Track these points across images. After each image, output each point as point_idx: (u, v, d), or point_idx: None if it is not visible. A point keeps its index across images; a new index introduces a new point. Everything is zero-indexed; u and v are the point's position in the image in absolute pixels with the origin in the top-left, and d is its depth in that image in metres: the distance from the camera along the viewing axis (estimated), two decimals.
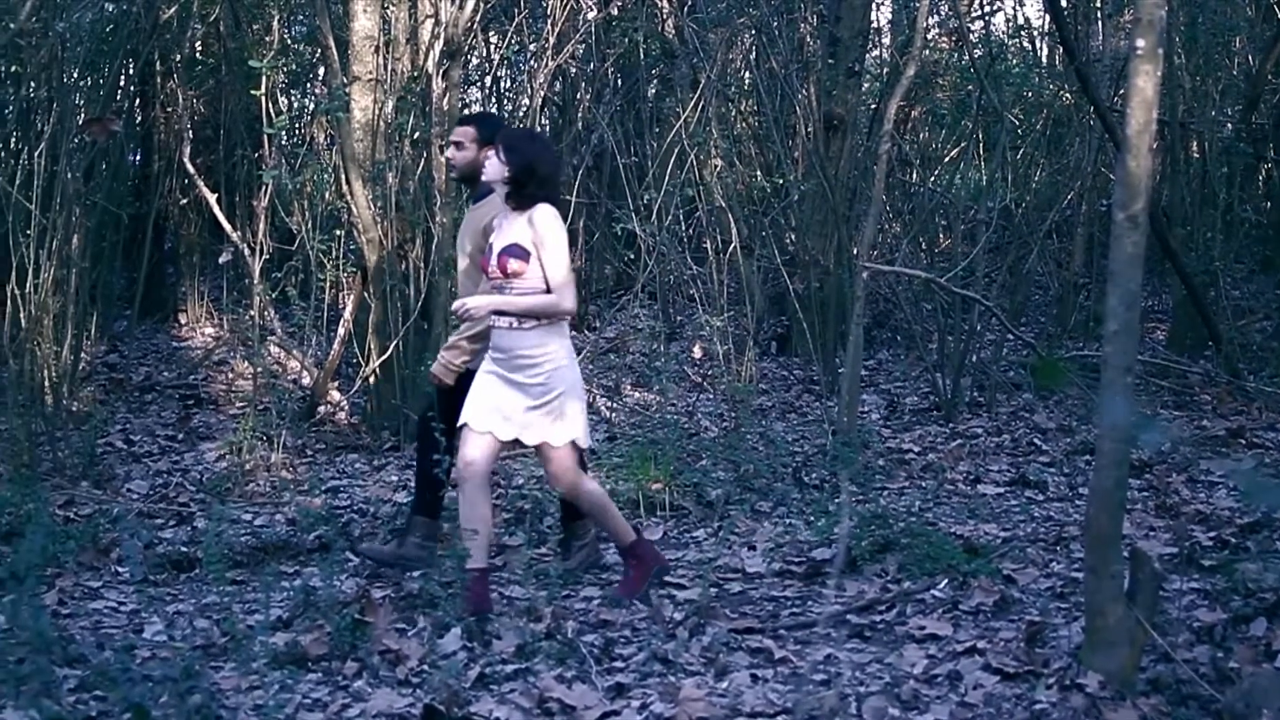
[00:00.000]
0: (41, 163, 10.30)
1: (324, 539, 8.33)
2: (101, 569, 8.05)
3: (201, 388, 12.69)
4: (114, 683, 5.49)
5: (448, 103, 10.96)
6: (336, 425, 11.23)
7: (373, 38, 11.07)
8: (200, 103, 15.17)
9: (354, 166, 10.82)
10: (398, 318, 10.89)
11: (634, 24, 13.71)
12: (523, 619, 6.82)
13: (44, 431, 10.12)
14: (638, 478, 9.25)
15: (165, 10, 12.83)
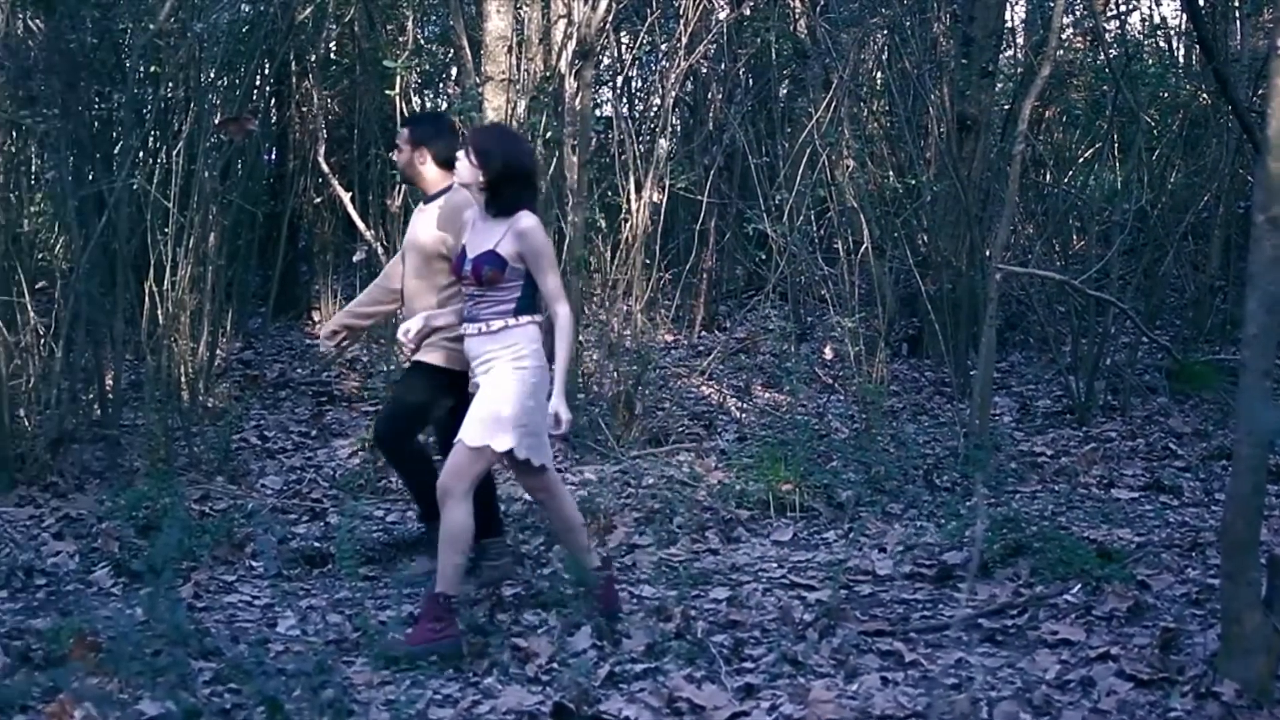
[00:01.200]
0: (179, 162, 10.44)
1: None
2: (236, 564, 8.13)
3: (334, 385, 12.79)
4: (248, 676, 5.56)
5: (580, 103, 10.99)
6: None
7: (506, 38, 11.11)
8: (335, 102, 15.29)
9: None
10: None
11: (766, 24, 13.69)
12: (652, 618, 6.84)
13: (180, 427, 10.25)
14: (768, 478, 9.24)
15: (301, 11, 12.94)
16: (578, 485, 9.62)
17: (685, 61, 12.02)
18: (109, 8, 10.61)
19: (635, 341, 11.47)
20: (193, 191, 10.62)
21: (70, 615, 6.86)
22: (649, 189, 11.45)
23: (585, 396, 11.14)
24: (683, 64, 12.02)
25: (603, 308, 12.02)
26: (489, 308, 6.72)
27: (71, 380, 10.01)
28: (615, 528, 8.65)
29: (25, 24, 10.24)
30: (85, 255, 9.90)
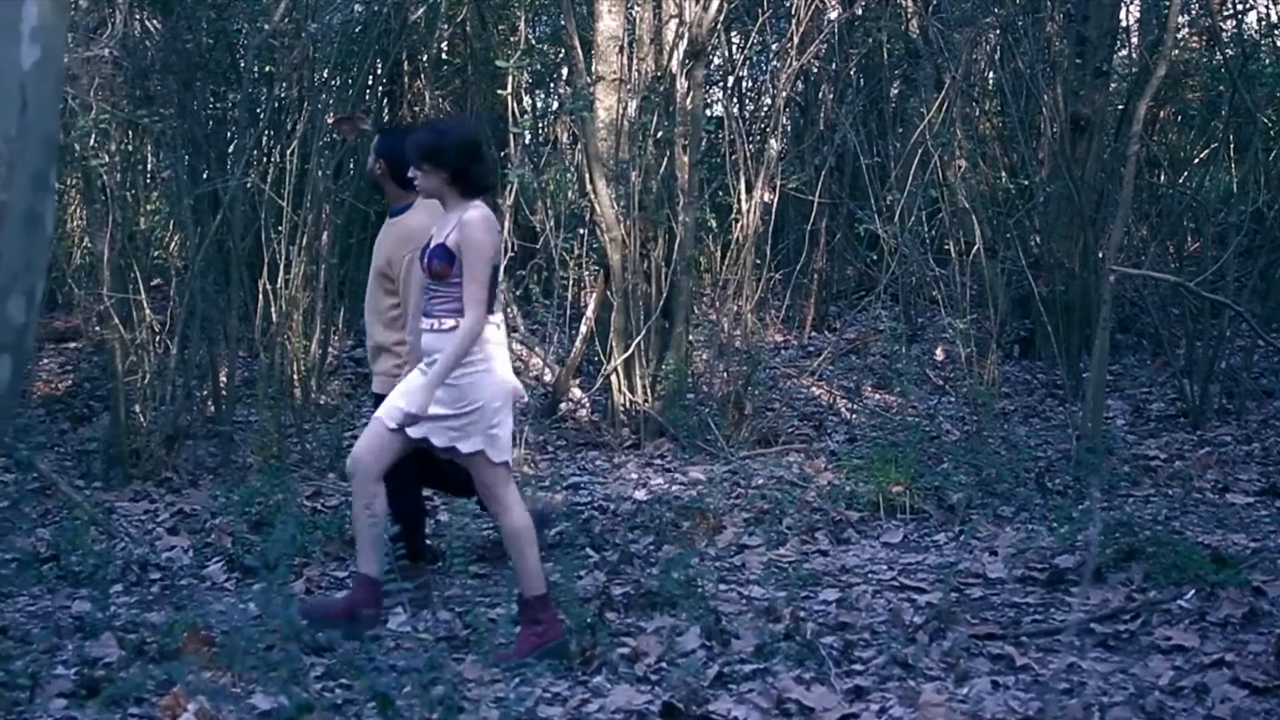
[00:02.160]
0: (293, 161, 10.52)
1: (564, 534, 8.38)
2: (347, 560, 8.17)
3: None
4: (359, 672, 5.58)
5: (691, 102, 10.99)
6: (577, 422, 11.31)
7: (617, 38, 11.13)
8: (446, 102, 15.36)
9: (598, 166, 10.89)
10: (639, 316, 10.93)
11: (878, 24, 13.64)
12: (762, 619, 6.81)
13: (293, 424, 10.33)
14: (878, 480, 9.19)
15: (414, 11, 13.01)
16: (687, 484, 9.62)
17: (797, 61, 11.99)
18: (225, 8, 10.73)
19: (745, 342, 11.45)
20: (306, 190, 10.70)
21: (184, 610, 6.93)
22: (760, 189, 11.43)
23: (695, 396, 11.14)
24: (794, 64, 11.99)
25: (713, 308, 12.01)
26: (442, 304, 6.63)
27: (186, 377, 10.11)
28: (724, 528, 8.63)
29: (143, 24, 10.36)
30: (200, 253, 10.01)
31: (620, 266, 10.92)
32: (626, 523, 8.79)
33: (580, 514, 8.97)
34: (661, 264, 11.04)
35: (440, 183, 6.68)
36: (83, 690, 6.01)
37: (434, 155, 6.65)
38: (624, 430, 10.97)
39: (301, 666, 5.70)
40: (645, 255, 11.06)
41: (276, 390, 10.32)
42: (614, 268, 10.96)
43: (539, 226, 11.54)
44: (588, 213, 11.32)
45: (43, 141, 4.21)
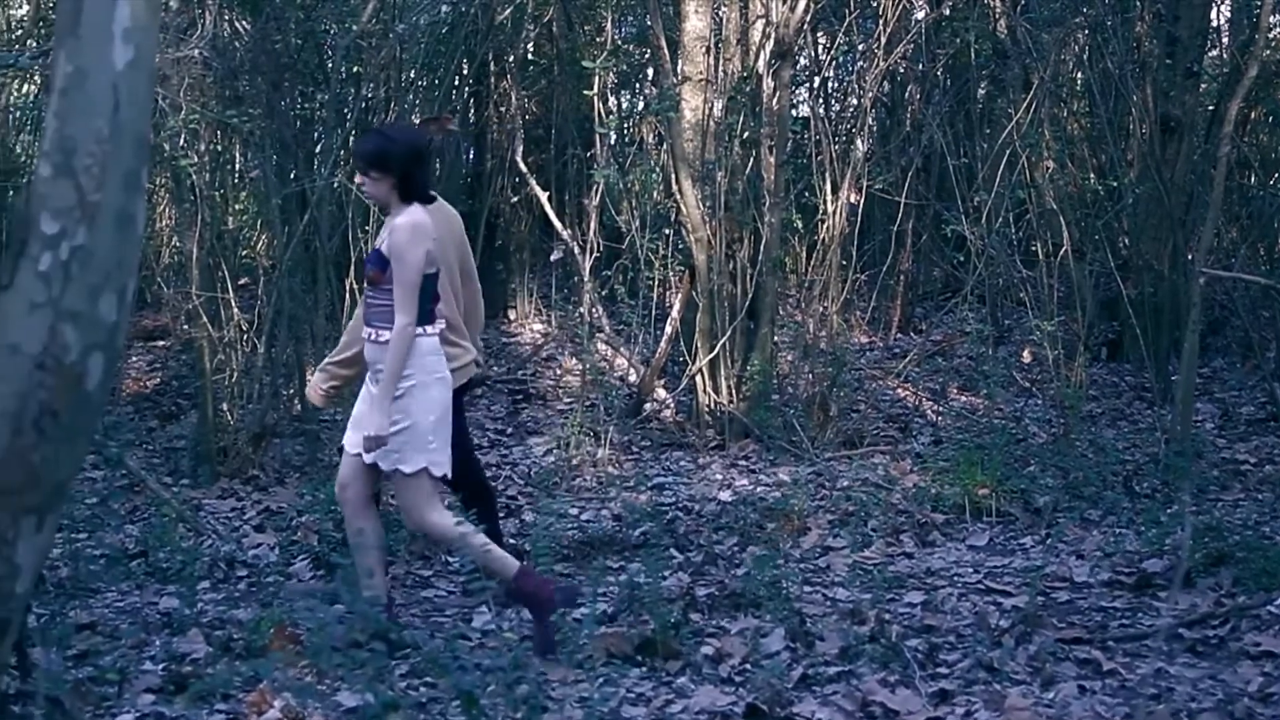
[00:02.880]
0: None
1: (649, 535, 8.39)
2: (432, 559, 8.21)
3: (530, 383, 12.88)
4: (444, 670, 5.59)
5: (777, 103, 10.98)
6: (662, 423, 11.31)
7: (704, 38, 11.12)
8: (532, 102, 15.40)
9: (684, 166, 10.88)
10: (724, 317, 10.92)
11: (965, 24, 13.55)
12: (847, 621, 6.79)
13: None
14: (964, 482, 9.15)
15: (500, 12, 13.04)
16: (771, 486, 9.61)
17: (883, 62, 11.94)
18: (313, 9, 10.78)
19: (830, 343, 11.42)
20: None
21: (270, 607, 6.97)
22: (846, 190, 11.39)
23: (780, 397, 11.12)
24: (881, 64, 11.94)
25: (798, 309, 11.99)
26: (378, 314, 6.61)
27: (273, 375, 10.17)
28: (809, 529, 8.62)
29: (232, 25, 10.42)
30: (288, 252, 10.07)
31: (706, 267, 10.92)
32: (711, 523, 8.78)
33: (665, 515, 8.97)
34: (747, 264, 11.03)
35: (387, 188, 6.65)
36: (170, 686, 6.06)
37: (381, 161, 6.63)
38: (709, 431, 10.96)
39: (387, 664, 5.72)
40: (731, 256, 11.04)
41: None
42: (699, 268, 10.96)
43: (624, 227, 11.55)
44: (673, 213, 11.33)
45: (135, 141, 4.24)
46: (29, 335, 4.14)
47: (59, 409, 4.16)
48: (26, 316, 4.14)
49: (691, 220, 10.93)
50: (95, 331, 4.20)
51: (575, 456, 10.21)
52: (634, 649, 6.46)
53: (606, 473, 10.00)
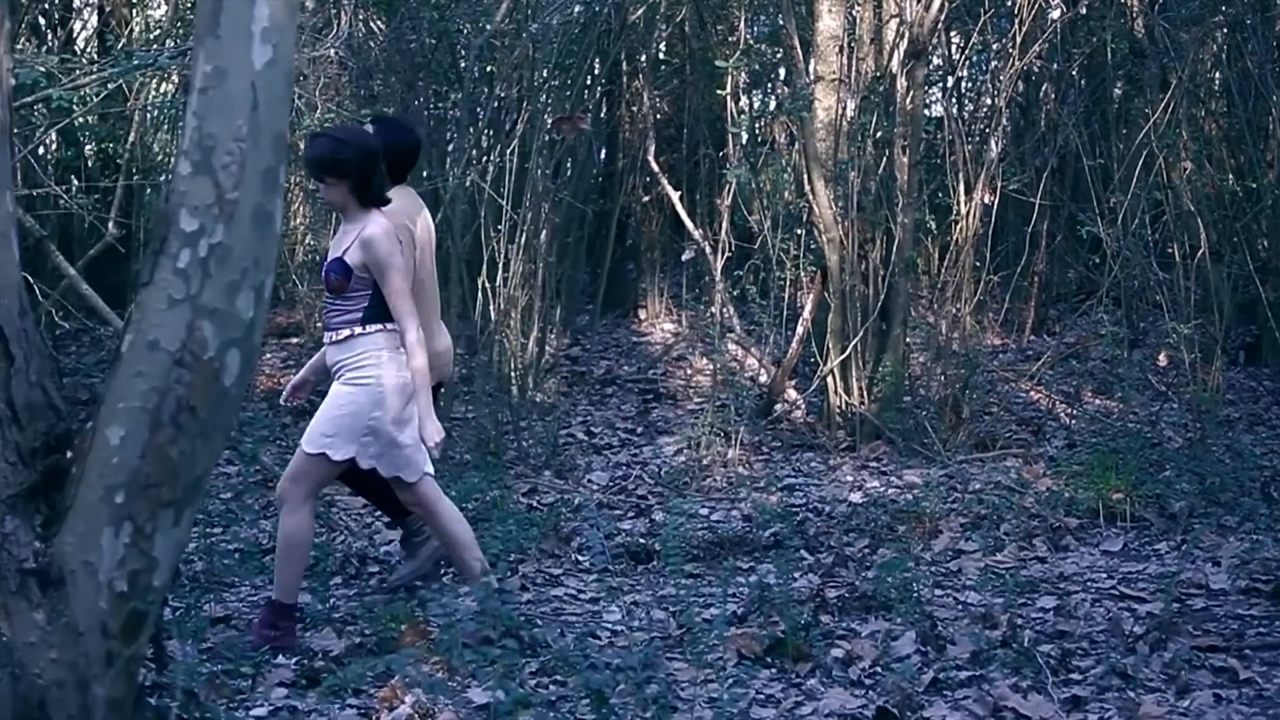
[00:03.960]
0: (512, 160, 10.60)
1: (779, 536, 8.36)
2: (562, 557, 8.23)
3: (660, 383, 12.89)
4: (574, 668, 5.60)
5: (911, 102, 10.91)
6: (792, 423, 11.28)
7: (837, 37, 11.08)
8: (664, 102, 15.41)
9: (816, 166, 10.85)
10: (856, 318, 10.88)
11: (1102, 23, 13.41)
12: (978, 625, 6.73)
13: (510, 421, 10.42)
14: (1098, 486, 9.05)
15: (633, 11, 13.06)
16: (903, 488, 9.55)
17: (1018, 61, 11.84)
18: (447, 9, 10.84)
19: (963, 344, 11.34)
20: (525, 189, 10.78)
21: (401, 603, 7.01)
22: (980, 190, 11.30)
23: (912, 399, 11.06)
24: (1016, 64, 11.84)
25: (930, 310, 11.91)
26: (338, 316, 6.63)
27: None
28: (941, 532, 8.56)
29: (367, 25, 10.51)
30: None
31: (838, 267, 10.88)
32: (841, 525, 8.74)
33: (795, 516, 8.94)
34: (879, 265, 10.98)
35: (344, 193, 6.59)
36: (303, 680, 6.11)
37: (336, 167, 6.58)
38: (839, 432, 10.92)
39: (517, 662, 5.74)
40: (863, 256, 11.00)
41: (494, 387, 10.41)
42: (832, 269, 10.92)
43: (755, 227, 11.53)
44: (805, 213, 11.29)
45: (273, 140, 4.27)
46: (168, 331, 4.18)
47: (197, 404, 4.20)
48: (165, 313, 4.18)
49: (824, 220, 10.89)
50: (233, 328, 4.24)
51: (705, 456, 10.20)
52: (764, 650, 6.45)
53: (737, 473, 9.98)
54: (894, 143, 10.97)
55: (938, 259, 11.76)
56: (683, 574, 7.42)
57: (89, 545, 4.18)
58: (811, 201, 10.99)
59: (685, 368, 13.35)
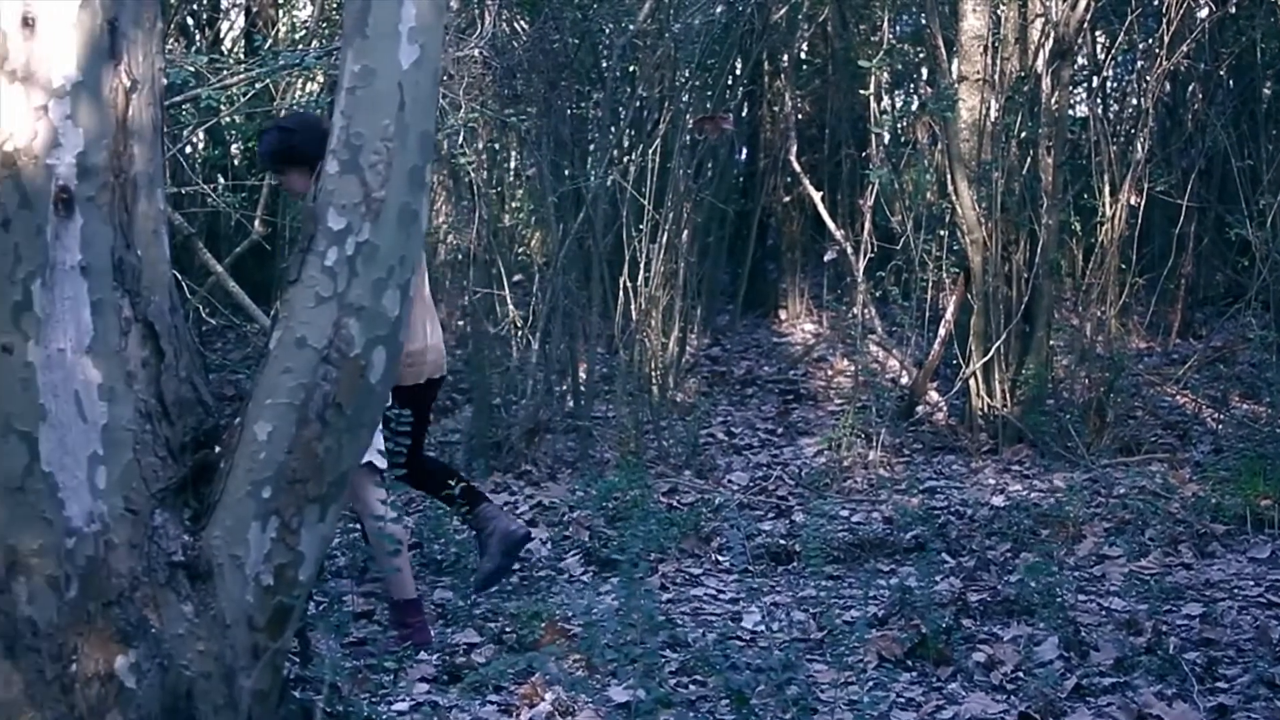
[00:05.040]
0: (654, 160, 10.62)
1: (921, 539, 8.31)
2: (702, 557, 8.23)
3: (801, 383, 12.86)
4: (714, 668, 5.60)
5: (1056, 103, 10.81)
6: (934, 425, 11.21)
7: (981, 37, 11.00)
8: (806, 102, 15.38)
9: (960, 166, 10.78)
10: (999, 320, 10.79)
11: (1251, 22, 13.23)
12: (1122, 631, 6.66)
13: (650, 420, 10.43)
14: (1245, 492, 8.91)
15: (775, 11, 13.04)
16: (1045, 492, 9.47)
17: (1166, 61, 11.69)
18: (590, 9, 10.87)
19: (1107, 348, 11.22)
20: (667, 188, 10.79)
21: (542, 601, 7.04)
22: (1125, 192, 11.17)
23: (1055, 402, 10.95)
24: (1163, 64, 11.69)
25: (1074, 312, 11.79)
26: None
27: (547, 371, 10.29)
28: (1084, 537, 8.47)
29: (511, 25, 10.56)
30: (562, 249, 10.17)
31: (981, 269, 10.80)
32: (983, 529, 8.68)
33: (936, 518, 8.88)
34: (1023, 267, 10.89)
35: (303, 179, 6.37)
36: (444, 676, 6.16)
37: (287, 155, 6.60)
38: (982, 435, 10.84)
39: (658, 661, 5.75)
40: (1006, 258, 10.91)
41: (635, 386, 10.43)
42: (974, 270, 10.84)
43: (897, 227, 11.48)
44: (948, 214, 11.22)
45: (419, 139, 4.31)
46: (315, 329, 4.23)
47: (343, 401, 4.25)
48: (312, 310, 4.23)
49: (967, 221, 10.82)
50: (379, 325, 4.28)
51: (846, 458, 10.16)
52: (905, 653, 6.42)
53: (878, 475, 9.94)
54: (1038, 143, 10.87)
55: (1082, 261, 11.64)
56: (823, 575, 7.40)
57: (236, 539, 4.24)
58: (954, 202, 10.92)
59: (826, 368, 13.30)
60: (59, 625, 4.07)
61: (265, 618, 4.29)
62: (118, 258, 4.14)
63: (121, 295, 4.16)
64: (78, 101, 4.07)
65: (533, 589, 7.58)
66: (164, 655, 4.15)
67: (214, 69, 9.10)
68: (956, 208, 10.90)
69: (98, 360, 4.11)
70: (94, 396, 4.10)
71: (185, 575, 4.21)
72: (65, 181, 4.05)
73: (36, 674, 4.07)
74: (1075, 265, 11.77)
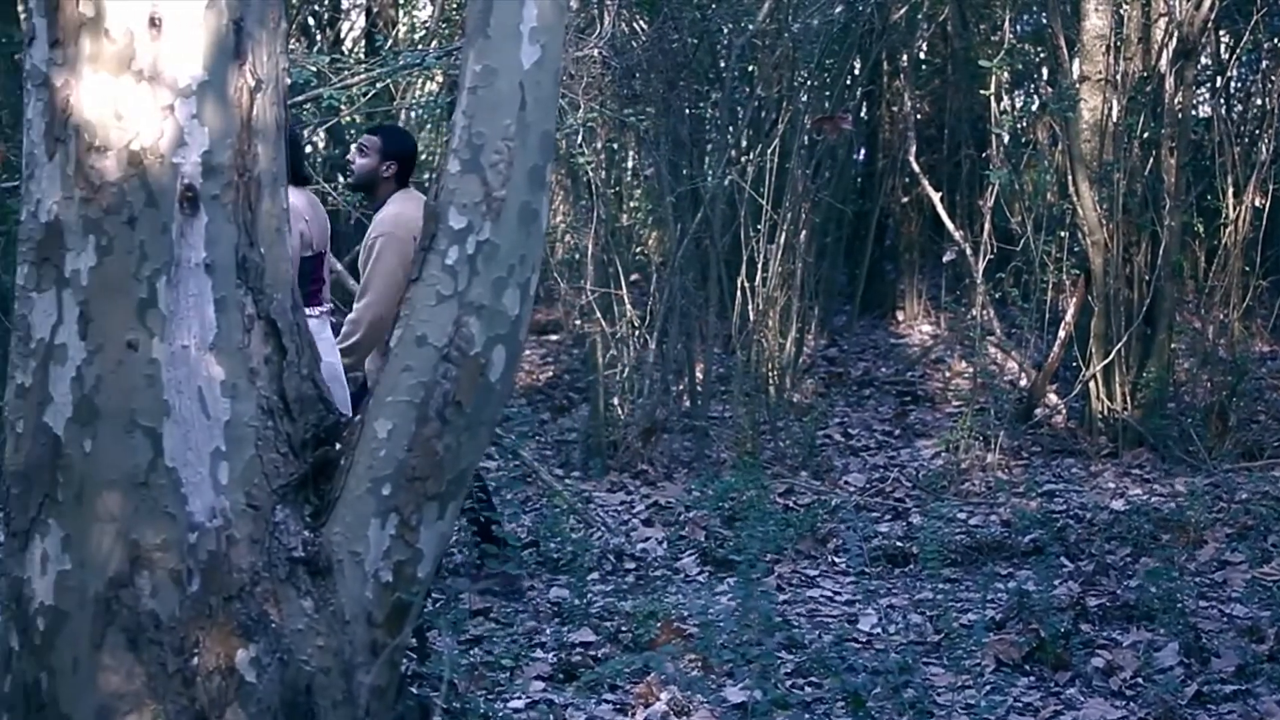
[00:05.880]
0: (772, 160, 10.60)
1: (1039, 542, 8.24)
2: (819, 558, 8.21)
3: (918, 385, 12.80)
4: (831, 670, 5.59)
5: (1179, 103, 10.70)
6: (1053, 428, 11.11)
7: (1104, 36, 10.90)
8: (925, 102, 15.30)
9: (1081, 167, 10.69)
10: (1120, 322, 10.69)
11: None
12: (1244, 638, 6.58)
13: (766, 421, 10.42)
14: None
15: (895, 11, 12.99)
16: (1166, 496, 9.37)
17: None
18: (709, 9, 10.87)
19: (1230, 351, 11.08)
20: (785, 189, 10.77)
21: (657, 600, 7.05)
22: (1249, 193, 11.04)
23: (1176, 406, 10.84)
24: None
25: (1197, 315, 11.67)
26: None
27: (664, 371, 10.30)
28: (1205, 542, 8.36)
29: (630, 25, 10.57)
30: (680, 249, 10.18)
31: (1102, 271, 10.70)
32: (1103, 533, 8.59)
33: (1055, 522, 8.80)
34: (1144, 269, 10.78)
35: None
36: (560, 674, 6.17)
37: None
38: (1101, 438, 10.74)
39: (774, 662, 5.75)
40: (1128, 259, 10.81)
41: (751, 387, 10.42)
42: (1095, 272, 10.75)
43: (1017, 228, 11.40)
44: (1068, 215, 11.13)
45: (540, 138, 4.33)
46: (435, 327, 4.25)
47: (463, 399, 4.27)
48: (433, 309, 4.26)
49: (1088, 222, 10.73)
50: (499, 324, 4.30)
51: (964, 460, 10.10)
52: (1023, 657, 6.38)
53: (995, 477, 9.87)
54: (1161, 144, 10.76)
55: (1205, 263, 11.51)
56: (940, 578, 7.36)
57: (356, 536, 4.27)
58: (1075, 203, 10.83)
59: (943, 370, 13.23)
60: (181, 619, 4.12)
61: (384, 614, 4.32)
62: (241, 255, 4.19)
63: (245, 293, 4.20)
64: (203, 101, 4.11)
65: (649, 588, 7.59)
66: (284, 650, 4.18)
67: (335, 69, 9.17)
68: (1077, 209, 10.81)
69: (221, 357, 4.15)
70: (217, 393, 4.14)
71: (305, 571, 4.24)
72: (190, 180, 4.09)
73: (159, 667, 4.11)
74: (1198, 267, 11.65)
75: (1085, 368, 10.88)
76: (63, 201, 4.10)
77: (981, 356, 11.33)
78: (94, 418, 4.09)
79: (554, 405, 12.00)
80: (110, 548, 4.10)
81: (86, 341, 4.09)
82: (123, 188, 4.07)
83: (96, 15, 4.06)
